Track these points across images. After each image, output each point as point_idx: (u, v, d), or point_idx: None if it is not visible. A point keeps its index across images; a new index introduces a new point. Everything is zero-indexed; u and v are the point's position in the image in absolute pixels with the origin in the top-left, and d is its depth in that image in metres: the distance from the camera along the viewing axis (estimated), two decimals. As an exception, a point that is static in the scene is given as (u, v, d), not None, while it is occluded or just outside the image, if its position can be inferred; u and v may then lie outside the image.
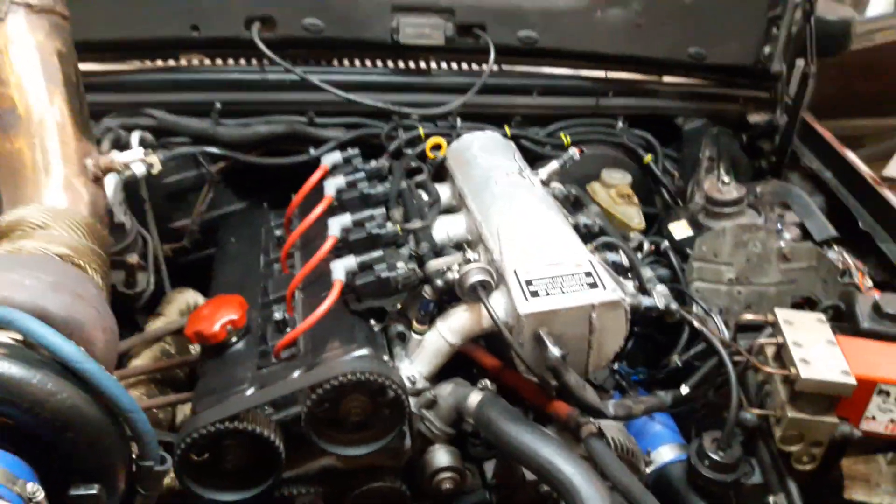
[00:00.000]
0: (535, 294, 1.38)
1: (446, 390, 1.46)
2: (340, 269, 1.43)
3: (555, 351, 1.33)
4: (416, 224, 1.62)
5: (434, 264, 1.47)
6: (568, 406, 1.43)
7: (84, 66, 1.89)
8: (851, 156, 2.17)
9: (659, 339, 1.87)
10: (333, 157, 1.82)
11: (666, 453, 1.66)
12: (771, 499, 1.52)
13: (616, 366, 1.88)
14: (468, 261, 1.46)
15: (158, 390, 1.56)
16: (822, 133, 2.28)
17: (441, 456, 1.45)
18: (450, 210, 1.79)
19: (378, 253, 1.47)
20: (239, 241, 1.87)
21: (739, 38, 2.26)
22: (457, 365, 1.54)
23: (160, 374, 1.59)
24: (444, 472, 1.44)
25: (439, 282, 1.44)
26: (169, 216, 2.00)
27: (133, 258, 1.66)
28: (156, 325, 1.71)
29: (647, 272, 1.68)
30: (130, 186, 1.76)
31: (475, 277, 1.40)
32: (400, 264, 1.45)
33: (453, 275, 1.44)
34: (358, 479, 1.41)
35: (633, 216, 2.04)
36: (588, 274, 1.44)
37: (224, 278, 1.73)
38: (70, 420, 0.90)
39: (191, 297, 1.86)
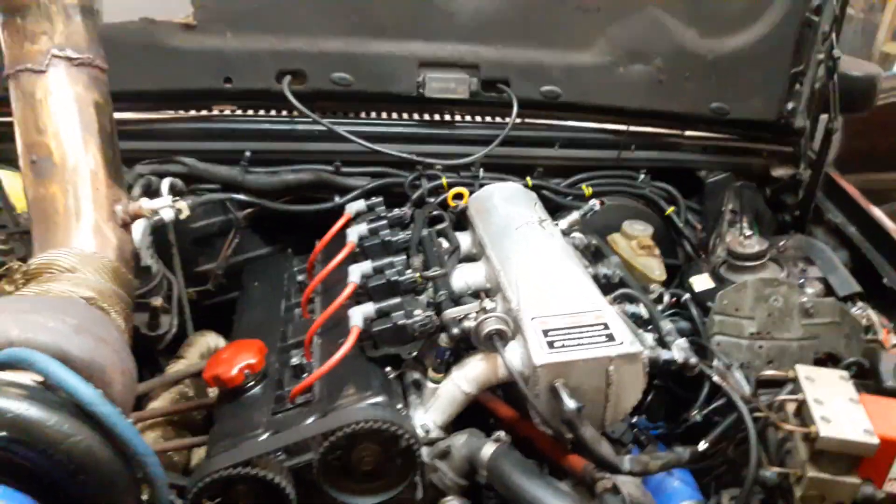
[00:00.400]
0: (551, 345, 1.39)
1: (460, 441, 1.46)
2: (358, 315, 1.45)
3: (570, 403, 1.33)
4: (435, 272, 1.64)
5: (451, 312, 1.48)
6: (583, 460, 1.42)
7: (120, 115, 1.97)
8: (876, 211, 2.15)
9: (679, 392, 1.85)
10: (357, 205, 1.86)
11: (685, 510, 1.63)
12: (792, 559, 1.48)
13: (635, 419, 1.86)
14: (485, 310, 1.47)
15: (175, 433, 1.58)
16: (847, 188, 2.27)
17: (453, 508, 1.44)
18: (470, 258, 1.81)
19: (396, 300, 1.49)
20: (262, 286, 1.90)
21: (762, 93, 2.28)
22: (473, 414, 1.54)
23: (178, 417, 1.60)
24: (456, 524, 1.43)
25: (456, 330, 1.45)
26: (195, 260, 2.05)
27: (157, 301, 1.69)
28: (176, 368, 1.73)
29: (666, 325, 1.67)
30: (159, 230, 1.81)
31: (491, 326, 1.41)
32: (417, 312, 1.47)
33: (470, 323, 1.45)
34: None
35: (654, 268, 2.04)
36: (606, 326, 1.44)
37: (245, 322, 1.76)
38: (83, 463, 0.91)
39: (212, 340, 1.89)
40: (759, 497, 1.51)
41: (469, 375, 1.46)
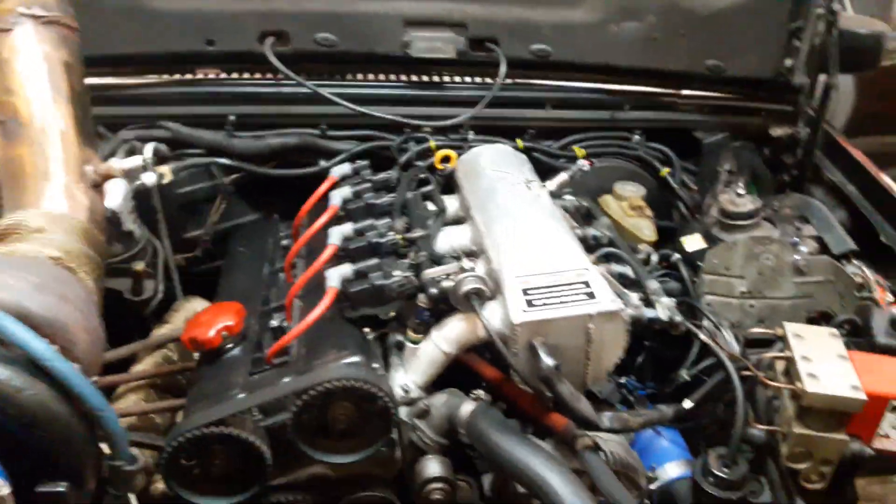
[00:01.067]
0: (530, 304, 1.37)
1: (440, 400, 1.45)
2: (335, 276, 1.44)
3: (548, 361, 1.31)
4: (417, 234, 1.62)
5: (429, 273, 1.47)
6: (565, 419, 1.41)
7: (102, 80, 1.96)
8: (875, 169, 2.11)
9: (669, 353, 1.83)
10: (343, 169, 1.84)
11: (672, 470, 1.62)
12: (780, 517, 1.47)
13: (624, 380, 1.85)
14: (463, 269, 1.45)
15: (158, 396, 1.58)
16: (846, 147, 2.22)
17: (432, 466, 1.43)
18: (458, 221, 1.79)
19: (374, 261, 1.47)
20: (246, 251, 1.89)
21: (759, 50, 2.23)
22: (460, 375, 1.53)
23: (161, 380, 1.60)
24: (434, 482, 1.41)
25: (434, 290, 1.44)
26: (183, 226, 2.04)
27: (139, 266, 1.69)
28: (161, 332, 1.73)
29: (652, 284, 1.65)
30: (143, 196, 1.80)
31: (469, 286, 1.40)
32: (396, 272, 1.45)
33: (448, 283, 1.43)
34: (348, 488, 1.40)
35: (644, 228, 2.01)
36: (586, 284, 1.42)
37: (228, 286, 1.75)
38: (37, 417, 0.91)
39: (199, 305, 1.88)
40: (747, 455, 1.49)
41: (448, 336, 1.44)
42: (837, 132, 2.27)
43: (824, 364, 1.44)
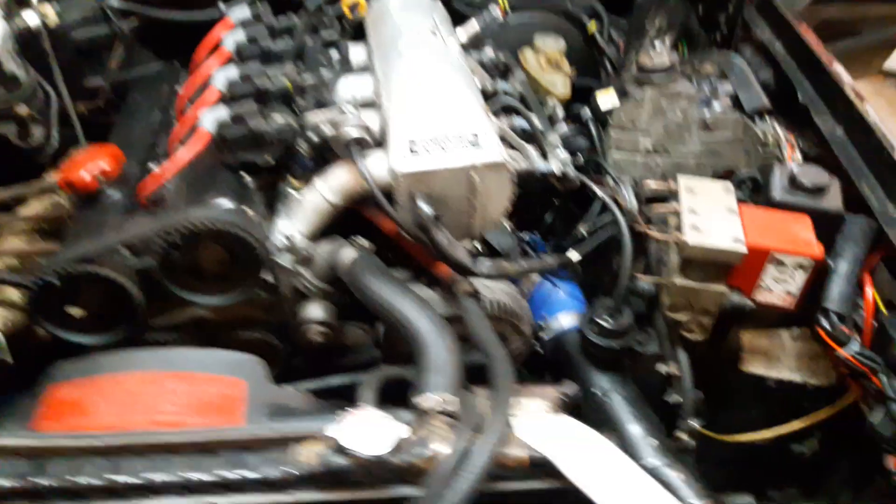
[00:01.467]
0: (414, 153, 1.34)
1: (323, 248, 1.44)
2: (210, 119, 1.40)
3: (426, 209, 1.31)
4: (308, 80, 1.56)
5: (310, 118, 1.42)
6: (449, 267, 1.42)
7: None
8: (805, 28, 2.05)
9: (577, 210, 1.83)
10: (242, 13, 1.75)
11: (565, 320, 1.65)
12: (662, 368, 1.52)
13: (528, 237, 1.85)
14: (345, 116, 1.40)
15: (44, 241, 1.55)
16: (778, 5, 2.14)
17: (313, 309, 1.44)
18: (363, 71, 1.73)
19: (251, 105, 1.42)
20: (142, 99, 1.82)
21: None
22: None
23: (47, 225, 1.57)
24: (315, 324, 1.43)
25: (314, 137, 1.40)
26: (81, 73, 1.95)
27: (23, 109, 1.62)
28: (51, 178, 1.68)
29: (552, 138, 1.63)
30: (31, 39, 1.71)
31: (349, 133, 1.36)
32: (276, 117, 1.41)
33: (329, 130, 1.39)
34: (228, 330, 1.41)
35: (558, 83, 1.95)
36: (475, 135, 1.38)
37: (120, 134, 1.70)
38: None
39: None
40: (637, 307, 1.52)
41: (333, 185, 1.41)
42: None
43: (711, 217, 1.45)
